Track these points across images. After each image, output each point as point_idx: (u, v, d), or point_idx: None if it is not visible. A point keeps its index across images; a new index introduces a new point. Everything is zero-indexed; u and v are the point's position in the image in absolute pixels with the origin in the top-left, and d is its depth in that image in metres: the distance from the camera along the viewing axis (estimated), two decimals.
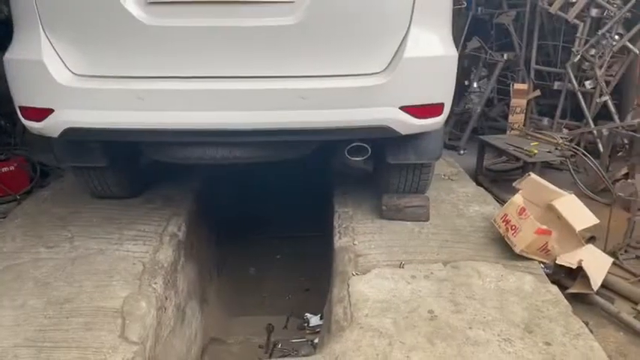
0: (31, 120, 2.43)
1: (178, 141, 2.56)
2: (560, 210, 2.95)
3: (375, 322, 2.38)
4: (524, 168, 4.94)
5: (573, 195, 3.06)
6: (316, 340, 3.64)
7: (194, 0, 2.21)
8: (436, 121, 2.50)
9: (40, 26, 2.29)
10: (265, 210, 5.28)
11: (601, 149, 5.01)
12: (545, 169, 5.10)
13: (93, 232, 3.12)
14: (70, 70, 2.30)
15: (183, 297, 3.11)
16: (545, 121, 5.70)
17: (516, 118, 5.51)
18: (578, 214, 2.93)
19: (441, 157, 3.26)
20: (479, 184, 4.38)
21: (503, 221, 2.95)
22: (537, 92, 5.62)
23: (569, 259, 2.79)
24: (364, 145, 2.61)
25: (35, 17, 2.28)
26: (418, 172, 3.15)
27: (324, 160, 4.25)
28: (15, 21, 2.40)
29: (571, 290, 2.74)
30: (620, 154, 4.97)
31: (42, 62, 2.27)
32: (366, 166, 3.73)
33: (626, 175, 4.30)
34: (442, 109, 2.48)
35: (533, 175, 3.03)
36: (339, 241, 3.11)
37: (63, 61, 2.30)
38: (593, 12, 5.29)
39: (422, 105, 2.39)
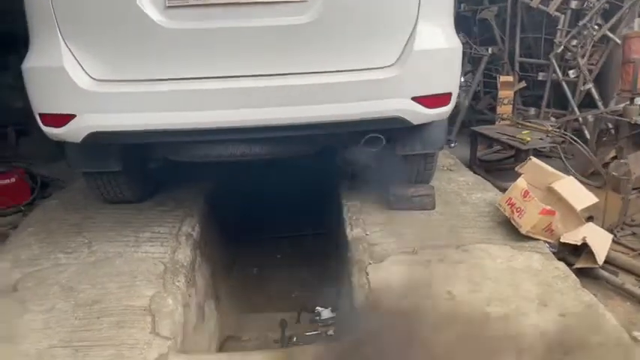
0: (51, 126, 2.48)
1: (199, 140, 2.63)
2: (561, 191, 3.10)
3: (395, 305, 2.48)
4: (517, 156, 5.12)
5: (572, 177, 3.21)
6: (330, 332, 3.74)
7: (211, 3, 2.29)
8: (444, 110, 2.62)
9: (59, 33, 2.33)
10: (267, 210, 5.36)
11: (587, 135, 5.21)
12: (536, 156, 5.28)
13: (109, 236, 3.16)
14: (91, 75, 2.35)
15: (201, 295, 3.17)
16: (532, 110, 5.90)
17: (505, 109, 5.69)
18: (578, 194, 3.08)
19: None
20: (475, 173, 4.52)
21: (508, 204, 3.08)
22: (523, 83, 5.82)
23: (573, 237, 2.93)
24: (379, 135, 2.72)
25: (53, 25, 2.33)
26: (423, 162, 3.26)
27: (325, 159, 4.35)
28: (31, 30, 2.44)
29: (577, 265, 2.88)
30: (604, 139, 5.18)
31: (63, 68, 2.32)
32: (371, 160, 3.84)
33: (614, 158, 4.50)
34: (450, 99, 2.60)
35: (534, 159, 3.18)
36: (352, 233, 3.20)
37: (83, 67, 2.35)
38: (573, 4, 5.50)
39: (432, 95, 2.51)
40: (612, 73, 5.78)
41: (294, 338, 3.71)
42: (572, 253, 3.04)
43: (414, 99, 2.46)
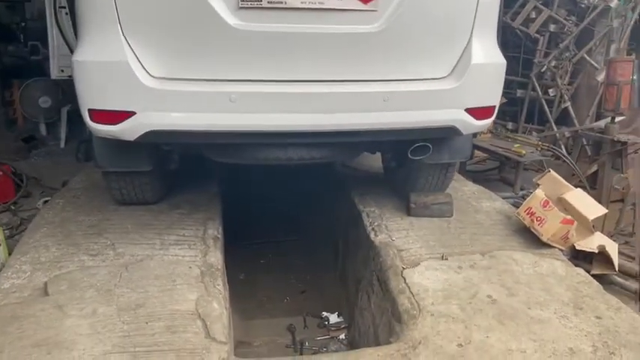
0: (104, 123, 2.37)
1: (257, 142, 2.60)
2: (572, 202, 3.30)
3: (443, 308, 2.56)
4: (501, 168, 5.38)
5: (580, 189, 3.44)
6: (341, 337, 3.78)
7: (283, 7, 2.29)
8: (488, 122, 2.75)
9: (120, 28, 2.25)
10: (255, 216, 5.34)
11: (563, 150, 5.56)
12: (512, 168, 5.58)
13: (132, 238, 3.05)
14: (151, 73, 2.29)
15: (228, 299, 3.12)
16: (510, 125, 6.22)
17: None
18: (589, 205, 3.30)
19: None
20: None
21: (527, 214, 3.24)
22: (503, 99, 6.12)
23: (588, 245, 3.13)
24: (428, 144, 2.80)
25: (114, 19, 2.24)
26: (444, 171, 3.38)
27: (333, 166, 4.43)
28: (84, 22, 2.33)
29: (594, 272, 3.08)
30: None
31: (127, 63, 2.24)
32: (384, 167, 3.94)
33: (595, 173, 4.84)
34: (494, 111, 2.74)
35: (552, 172, 3.37)
36: (377, 238, 3.25)
37: (143, 64, 2.28)
38: (552, 27, 5.87)
39: (482, 107, 2.63)
40: (582, 94, 6.23)
41: (306, 343, 3.73)
42: (583, 260, 3.25)
43: (467, 110, 2.57)
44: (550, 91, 5.85)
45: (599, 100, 5.69)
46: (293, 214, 5.48)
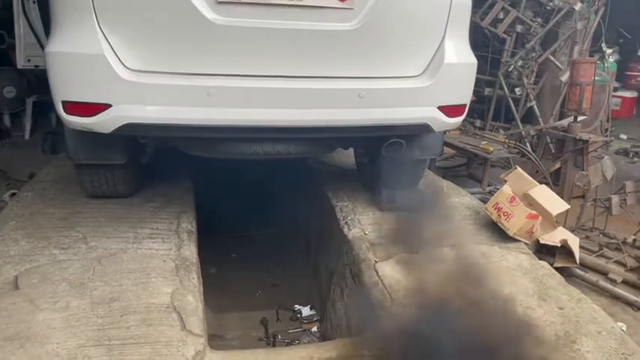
0: (77, 115, 2.34)
1: (235, 137, 2.61)
2: (537, 198, 3.43)
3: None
4: (469, 164, 5.52)
5: (544, 185, 3.57)
6: (314, 329, 3.84)
7: (262, 2, 2.30)
8: (459, 120, 2.84)
9: (95, 19, 2.22)
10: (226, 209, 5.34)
11: (528, 148, 5.74)
12: (480, 164, 5.74)
13: (105, 231, 3.02)
14: (127, 65, 2.27)
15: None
16: (478, 122, 6.37)
17: None
18: (552, 201, 3.43)
19: None
20: None
21: (495, 209, 3.36)
22: (472, 97, 6.26)
23: (551, 239, 3.27)
24: (401, 140, 2.86)
25: (89, 11, 2.21)
26: (416, 167, 3.46)
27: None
28: (58, 13, 2.30)
29: (556, 264, 3.22)
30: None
31: (103, 56, 2.22)
32: (357, 163, 4.00)
33: (558, 170, 5.02)
34: (465, 109, 2.82)
35: (518, 169, 3.49)
36: (351, 232, 3.31)
37: (119, 56, 2.26)
38: (519, 28, 6.03)
39: (453, 105, 2.71)
40: (547, 93, 6.43)
41: (279, 336, 3.77)
42: (546, 253, 3.39)
43: (440, 108, 2.65)
44: (517, 90, 6.03)
45: (563, 99, 5.90)
46: (265, 208, 5.50)
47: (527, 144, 5.77)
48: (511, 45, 6.06)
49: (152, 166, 3.58)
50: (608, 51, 6.59)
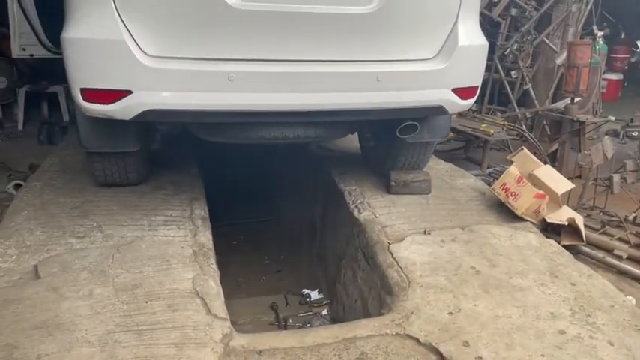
0: (97, 102, 2.32)
1: (254, 122, 2.61)
2: (542, 178, 3.49)
3: (431, 280, 2.69)
4: (466, 147, 5.59)
5: (549, 166, 3.64)
6: (324, 312, 3.88)
7: None
8: (471, 102, 2.87)
9: (114, 5, 2.20)
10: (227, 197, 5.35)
11: (524, 129, 5.82)
12: (478, 147, 5.81)
13: (119, 220, 3.02)
14: (150, 51, 2.25)
15: None
16: (474, 105, 6.42)
17: None
18: (557, 180, 3.50)
19: None
20: None
21: (502, 189, 3.41)
22: None
23: (558, 218, 3.34)
24: (415, 123, 2.89)
25: None
26: (424, 149, 3.50)
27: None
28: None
29: (564, 242, 3.29)
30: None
31: (123, 42, 2.20)
32: (362, 147, 4.02)
33: (556, 151, 5.11)
34: (476, 91, 2.86)
35: (525, 150, 3.55)
36: (362, 215, 3.35)
37: (141, 41, 2.24)
38: (513, 11, 6.08)
39: (466, 87, 2.74)
40: (541, 76, 6.51)
41: (290, 319, 3.81)
42: (552, 232, 3.47)
43: (454, 90, 2.68)
44: (512, 73, 6.09)
45: (558, 81, 5.98)
46: (268, 194, 5.52)
47: (524, 126, 5.85)
48: (506, 28, 6.11)
49: (159, 153, 3.58)
50: (599, 33, 6.67)
